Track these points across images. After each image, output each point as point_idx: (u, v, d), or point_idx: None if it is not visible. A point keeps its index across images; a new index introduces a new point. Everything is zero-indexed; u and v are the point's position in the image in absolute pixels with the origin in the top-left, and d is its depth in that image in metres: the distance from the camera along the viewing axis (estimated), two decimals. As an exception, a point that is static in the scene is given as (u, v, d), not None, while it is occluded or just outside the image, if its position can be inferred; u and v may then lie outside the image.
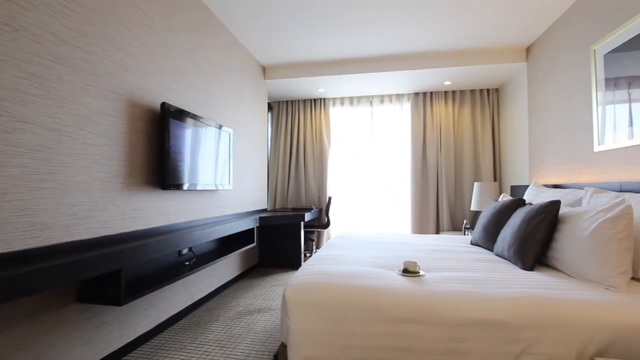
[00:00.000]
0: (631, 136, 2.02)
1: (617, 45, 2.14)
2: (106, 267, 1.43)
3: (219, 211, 2.96)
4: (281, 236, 4.06)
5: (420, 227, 4.51)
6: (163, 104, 2.06)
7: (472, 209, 3.88)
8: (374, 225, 4.77)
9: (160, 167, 2.09)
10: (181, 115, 2.24)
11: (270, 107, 5.01)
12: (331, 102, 4.87)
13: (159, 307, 2.24)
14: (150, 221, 2.07)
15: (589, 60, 2.43)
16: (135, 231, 1.92)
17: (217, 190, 2.93)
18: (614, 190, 2.04)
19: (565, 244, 1.66)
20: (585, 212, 1.64)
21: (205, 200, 2.74)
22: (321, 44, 3.43)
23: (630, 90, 2.05)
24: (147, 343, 2.09)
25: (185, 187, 2.27)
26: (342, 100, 4.84)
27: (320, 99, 4.86)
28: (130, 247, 1.59)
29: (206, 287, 2.84)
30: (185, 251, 2.44)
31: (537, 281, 1.52)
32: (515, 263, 1.82)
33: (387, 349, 1.36)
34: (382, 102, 4.73)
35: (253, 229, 3.18)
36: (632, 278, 1.53)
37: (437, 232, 4.48)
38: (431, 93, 4.57)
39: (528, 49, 3.48)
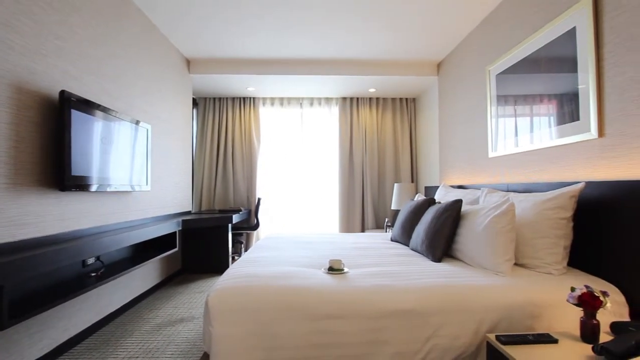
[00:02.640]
0: (517, 144, 2.40)
1: (506, 68, 2.53)
2: (-17, 284, 1.20)
3: (135, 214, 2.70)
4: (207, 239, 3.86)
5: (347, 226, 4.71)
6: (62, 92, 1.79)
7: (392, 208, 4.19)
8: (303, 225, 4.84)
9: (58, 166, 1.81)
10: (87, 106, 1.98)
11: (195, 103, 4.73)
12: (261, 102, 4.80)
13: (58, 327, 1.94)
14: (46, 228, 1.79)
15: (485, 79, 2.82)
16: (24, 240, 1.64)
17: (133, 191, 2.66)
18: (502, 190, 2.41)
19: (466, 238, 1.91)
20: (480, 210, 1.90)
21: (119, 203, 2.46)
22: (252, 42, 3.36)
23: (515, 106, 2.44)
24: (41, 370, 1.80)
25: (93, 188, 2.02)
26: (272, 100, 4.81)
27: (250, 97, 4.76)
28: (16, 259, 1.35)
29: (119, 299, 2.56)
30: (91, 261, 2.16)
31: (443, 271, 1.72)
32: (427, 256, 2.03)
33: (313, 346, 1.39)
34: (311, 104, 4.83)
35: (175, 232, 2.96)
36: (515, 264, 1.82)
37: (363, 230, 4.74)
38: (357, 99, 4.82)
39: (439, 65, 3.91)
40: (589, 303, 1.20)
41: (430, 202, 2.51)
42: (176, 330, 2.28)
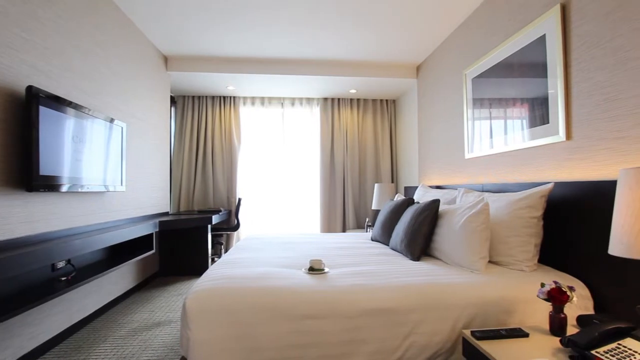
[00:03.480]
0: (491, 146, 2.49)
1: (481, 72, 2.62)
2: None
3: (109, 216, 2.60)
4: (186, 241, 3.77)
5: (328, 226, 4.73)
6: (29, 88, 1.71)
7: (373, 207, 4.24)
8: (284, 225, 4.82)
9: (25, 165, 1.73)
10: (57, 103, 1.89)
11: (174, 101, 4.62)
12: (242, 101, 4.75)
13: (24, 335, 1.85)
14: (12, 230, 1.70)
15: (462, 82, 2.91)
16: (-12, 244, 1.55)
17: (107, 191, 2.57)
18: (478, 191, 2.49)
19: (443, 237, 1.96)
20: (457, 209, 1.96)
21: (92, 204, 2.37)
22: (232, 40, 3.32)
23: (490, 109, 2.52)
24: (6, 380, 1.70)
25: (64, 188, 1.94)
26: (253, 100, 4.76)
27: (230, 97, 4.69)
28: (-20, 263, 1.28)
29: (92, 304, 2.47)
30: (61, 264, 2.07)
31: (421, 270, 1.75)
32: (406, 255, 2.07)
33: (293, 346, 1.39)
34: (293, 104, 4.82)
35: (152, 234, 2.88)
36: (490, 261, 1.88)
37: (344, 230, 4.78)
38: (339, 99, 4.85)
39: (418, 67, 3.99)
40: (557, 298, 1.26)
41: (409, 202, 2.56)
42: (153, 334, 2.22)
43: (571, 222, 1.70)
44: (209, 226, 3.73)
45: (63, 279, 1.97)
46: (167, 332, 2.24)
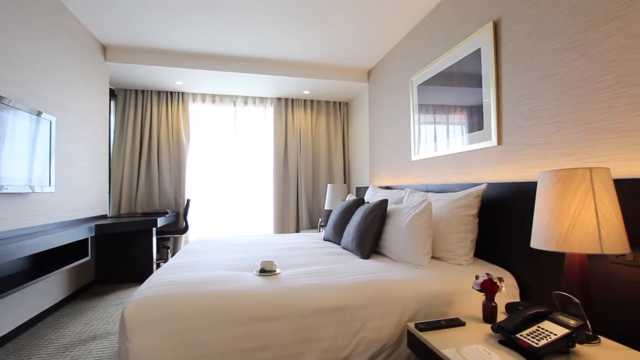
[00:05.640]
0: (436, 149, 2.66)
1: (426, 79, 2.79)
2: None
3: (35, 219, 2.33)
4: (128, 246, 3.51)
5: (282, 227, 4.70)
6: None
7: (326, 208, 4.30)
8: (237, 227, 4.69)
9: None
10: (-32, 93, 1.66)
11: (114, 94, 4.27)
12: (191, 98, 4.53)
13: None
14: None
15: (409, 89, 3.07)
16: None
17: (33, 192, 2.30)
18: (422, 191, 2.64)
19: (391, 235, 2.05)
20: (403, 209, 2.06)
21: (13, 206, 2.11)
22: (182, 33, 3.15)
23: (434, 114, 2.70)
24: None
25: (-26, 190, 1.69)
26: (203, 96, 4.58)
27: (178, 92, 4.46)
28: None
29: (12, 320, 2.19)
30: (-27, 276, 1.81)
31: (370, 267, 1.82)
32: (357, 254, 2.13)
33: (243, 351, 1.36)
34: (245, 103, 4.72)
35: (87, 239, 2.64)
36: (432, 257, 2.01)
37: (297, 230, 4.78)
38: (292, 100, 4.85)
39: (369, 72, 4.13)
40: (489, 289, 1.39)
41: (359, 202, 2.64)
42: (87, 349, 2.03)
43: (501, 219, 1.88)
44: (154, 229, 3.51)
45: (-25, 293, 1.73)
46: (105, 346, 2.07)
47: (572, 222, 1.15)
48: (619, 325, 1.30)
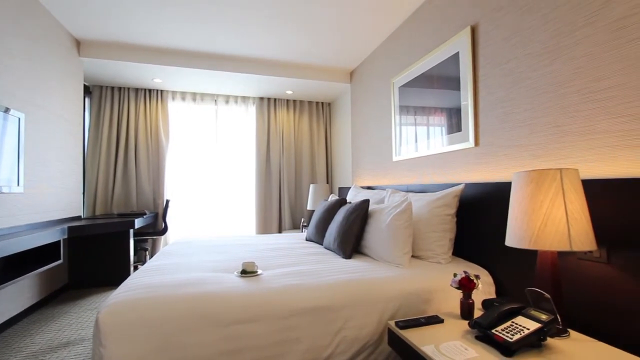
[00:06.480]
0: (416, 150, 2.71)
1: (407, 81, 2.83)
2: None
3: (2, 221, 2.22)
4: (104, 248, 3.40)
5: (264, 227, 4.67)
6: None
7: (308, 208, 4.30)
8: (218, 228, 4.62)
9: None
10: None
11: (88, 91, 4.12)
12: (170, 96, 4.43)
13: None
14: None
15: (390, 90, 3.11)
16: None
17: (0, 192, 2.19)
18: (403, 191, 2.69)
19: (372, 235, 2.07)
20: (384, 208, 2.09)
21: (-25, 209, 2.00)
22: (163, 29, 3.07)
23: (415, 116, 2.75)
24: None
25: None
26: (183, 95, 4.48)
27: (157, 90, 4.35)
28: None
29: (-25, 327, 2.07)
30: None
31: (351, 267, 1.83)
32: (338, 254, 2.14)
33: (224, 353, 1.34)
34: (227, 102, 4.65)
35: (59, 242, 2.53)
36: (412, 256, 2.05)
37: (280, 230, 4.76)
38: (275, 99, 4.82)
39: (351, 73, 4.16)
40: (466, 286, 1.43)
41: (341, 202, 2.65)
42: (59, 357, 1.95)
43: (478, 218, 1.94)
44: (131, 231, 3.40)
45: None
46: (78, 353, 1.99)
47: (543, 221, 1.19)
48: (587, 319, 1.37)
